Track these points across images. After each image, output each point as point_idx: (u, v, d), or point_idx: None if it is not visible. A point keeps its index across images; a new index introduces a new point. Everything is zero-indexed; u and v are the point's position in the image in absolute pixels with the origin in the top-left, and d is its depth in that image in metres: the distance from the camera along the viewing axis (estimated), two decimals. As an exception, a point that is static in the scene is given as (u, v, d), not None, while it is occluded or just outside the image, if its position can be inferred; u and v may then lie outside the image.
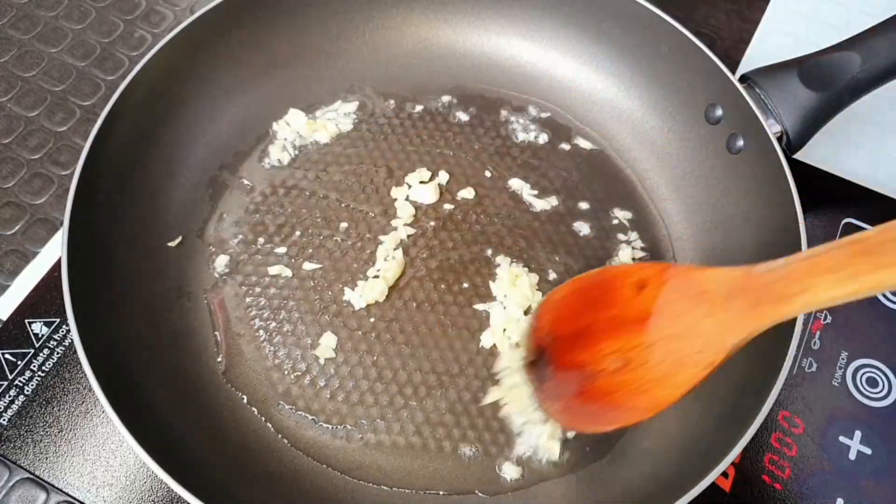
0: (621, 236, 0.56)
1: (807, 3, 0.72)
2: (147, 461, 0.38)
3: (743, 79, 0.53)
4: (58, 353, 0.51)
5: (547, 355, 0.45)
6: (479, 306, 0.52)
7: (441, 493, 0.46)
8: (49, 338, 0.52)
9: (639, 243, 0.56)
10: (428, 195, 0.56)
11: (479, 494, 0.46)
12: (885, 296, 0.56)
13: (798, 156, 0.57)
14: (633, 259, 0.55)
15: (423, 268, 0.54)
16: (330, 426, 0.48)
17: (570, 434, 0.48)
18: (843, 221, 0.59)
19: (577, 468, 0.47)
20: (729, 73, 0.52)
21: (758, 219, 0.51)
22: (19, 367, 0.50)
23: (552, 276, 0.54)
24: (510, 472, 0.47)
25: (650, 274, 0.41)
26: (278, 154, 0.58)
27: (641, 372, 0.40)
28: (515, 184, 0.58)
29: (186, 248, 0.53)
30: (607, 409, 0.41)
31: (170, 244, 0.53)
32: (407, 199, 0.56)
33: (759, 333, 0.36)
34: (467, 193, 0.57)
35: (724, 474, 0.49)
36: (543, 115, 0.61)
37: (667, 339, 0.39)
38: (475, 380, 0.50)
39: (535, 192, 0.57)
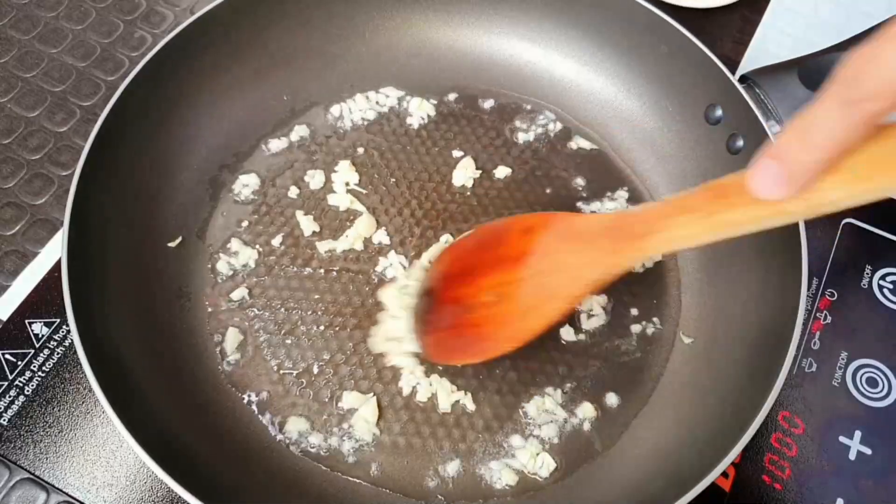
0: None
1: (807, 3, 0.72)
2: (147, 461, 0.38)
3: (743, 79, 0.53)
4: (58, 353, 0.51)
5: (433, 293, 0.48)
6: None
7: (440, 496, 0.46)
8: (49, 338, 0.52)
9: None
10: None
11: (481, 501, 0.46)
12: (884, 296, 0.56)
13: (798, 156, 0.57)
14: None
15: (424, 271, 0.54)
16: (330, 425, 0.48)
17: (556, 445, 0.48)
18: (844, 222, 0.59)
19: (575, 470, 0.47)
20: (729, 73, 0.52)
21: (758, 219, 0.51)
22: (19, 368, 0.50)
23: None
24: (507, 478, 0.47)
25: (538, 220, 0.44)
26: (278, 147, 0.58)
27: (511, 305, 0.43)
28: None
29: (186, 248, 0.53)
30: (476, 340, 0.45)
31: (170, 244, 0.53)
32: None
33: (621, 271, 0.40)
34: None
35: (724, 474, 0.49)
36: (543, 114, 0.61)
37: (538, 274, 0.42)
38: (475, 379, 0.50)
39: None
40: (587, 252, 0.40)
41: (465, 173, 0.57)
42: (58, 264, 0.55)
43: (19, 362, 0.51)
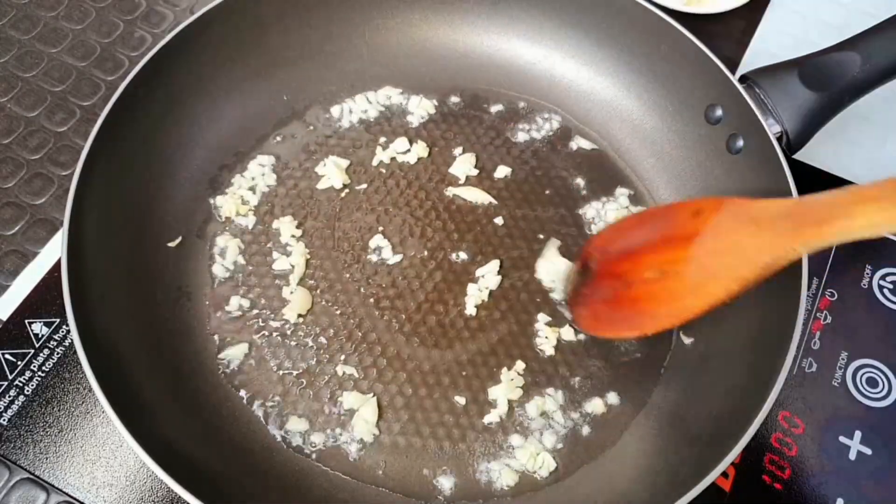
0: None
1: (807, 3, 0.72)
2: (147, 461, 0.38)
3: (743, 79, 0.53)
4: (58, 353, 0.51)
5: (592, 266, 0.49)
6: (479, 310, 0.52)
7: (440, 496, 0.46)
8: (49, 338, 0.52)
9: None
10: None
11: (480, 501, 0.46)
12: (884, 296, 0.56)
13: (798, 156, 0.57)
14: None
15: (423, 270, 0.54)
16: (330, 426, 0.48)
17: (556, 445, 0.48)
18: (844, 221, 0.59)
19: (575, 470, 0.47)
20: (729, 73, 0.52)
21: (758, 219, 0.50)
22: (19, 367, 0.50)
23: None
24: (507, 478, 0.47)
25: (709, 203, 0.44)
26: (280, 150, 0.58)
27: (675, 283, 0.43)
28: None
29: (186, 248, 0.53)
30: (634, 314, 0.45)
31: (170, 244, 0.53)
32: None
33: (797, 256, 0.38)
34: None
35: (724, 474, 0.49)
36: (543, 115, 0.61)
37: (707, 254, 0.42)
38: (475, 379, 0.50)
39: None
40: (765, 235, 0.40)
41: (463, 167, 0.57)
42: (58, 264, 0.55)
43: (19, 362, 0.51)
